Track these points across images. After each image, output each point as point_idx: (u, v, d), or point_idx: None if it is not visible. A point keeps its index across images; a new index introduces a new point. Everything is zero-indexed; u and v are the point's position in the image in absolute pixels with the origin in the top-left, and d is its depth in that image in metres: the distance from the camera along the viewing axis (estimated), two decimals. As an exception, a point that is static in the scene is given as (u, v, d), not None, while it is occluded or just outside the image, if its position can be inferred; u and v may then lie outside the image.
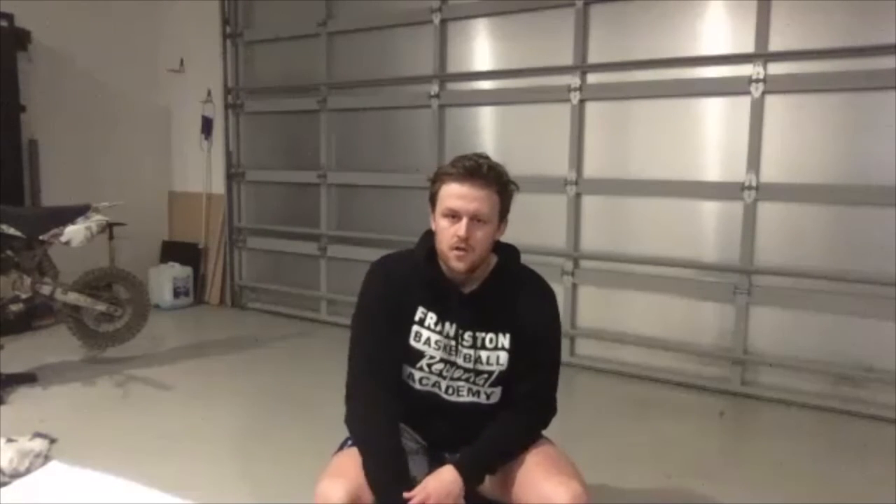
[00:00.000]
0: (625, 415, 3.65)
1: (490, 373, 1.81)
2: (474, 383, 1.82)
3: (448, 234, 1.72)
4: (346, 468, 1.69)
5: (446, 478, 1.67)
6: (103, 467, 2.36)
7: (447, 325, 1.80)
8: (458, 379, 1.82)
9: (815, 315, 3.73)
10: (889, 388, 3.51)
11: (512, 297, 1.82)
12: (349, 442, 1.84)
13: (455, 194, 1.71)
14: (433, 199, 1.78)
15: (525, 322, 1.81)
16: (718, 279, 3.96)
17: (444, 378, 1.82)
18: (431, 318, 1.80)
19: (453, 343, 1.80)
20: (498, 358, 1.81)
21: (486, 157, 1.75)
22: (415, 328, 1.81)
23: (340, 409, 1.83)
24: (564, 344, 4.36)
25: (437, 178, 1.77)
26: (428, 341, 1.80)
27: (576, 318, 4.43)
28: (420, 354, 1.81)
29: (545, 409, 1.85)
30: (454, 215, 1.71)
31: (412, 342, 1.81)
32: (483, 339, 1.81)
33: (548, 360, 1.86)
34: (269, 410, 3.63)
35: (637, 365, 4.20)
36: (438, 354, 1.80)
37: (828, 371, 3.69)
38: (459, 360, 1.81)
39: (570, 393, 4.01)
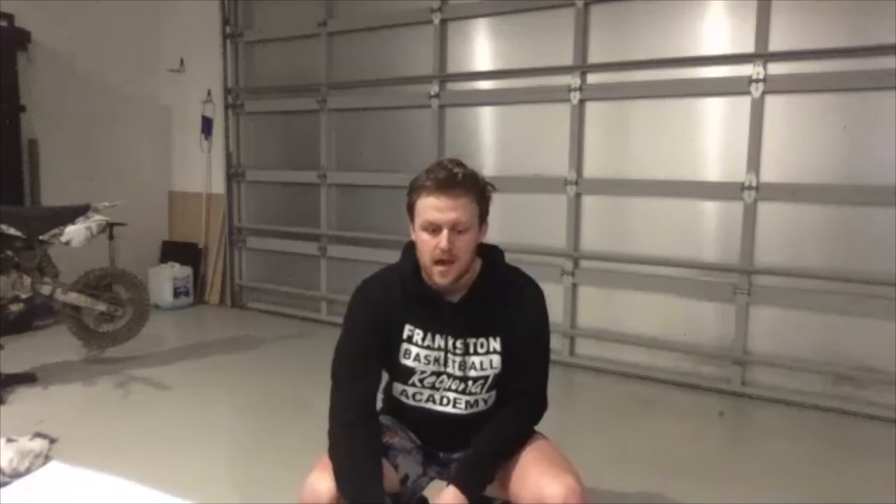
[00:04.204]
0: (625, 415, 3.65)
1: (485, 378, 1.80)
2: (469, 393, 1.81)
3: (429, 246, 1.70)
4: None
5: (449, 500, 1.66)
6: (103, 467, 2.36)
7: (437, 338, 1.79)
8: (452, 390, 1.81)
9: (814, 315, 3.73)
10: (889, 388, 3.51)
11: (500, 299, 1.81)
12: None
13: (432, 206, 1.68)
14: (411, 211, 1.75)
15: (515, 322, 1.80)
16: (718, 279, 3.96)
17: (437, 390, 1.81)
18: (419, 335, 1.79)
19: (443, 355, 1.79)
20: (491, 362, 1.80)
21: (461, 164, 1.72)
22: (403, 346, 1.80)
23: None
24: (564, 344, 4.38)
25: (413, 190, 1.73)
26: (417, 357, 1.79)
27: (576, 318, 4.42)
28: (411, 371, 1.80)
29: (538, 406, 1.85)
30: (434, 228, 1.69)
31: (402, 360, 1.80)
32: (475, 345, 1.80)
33: (539, 356, 1.86)
34: (268, 410, 3.63)
35: (637, 365, 4.20)
36: (429, 368, 1.80)
37: (828, 371, 3.69)
38: (451, 370, 1.80)
39: (570, 393, 4.00)
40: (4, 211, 3.81)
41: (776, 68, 3.70)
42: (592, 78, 4.25)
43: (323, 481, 1.65)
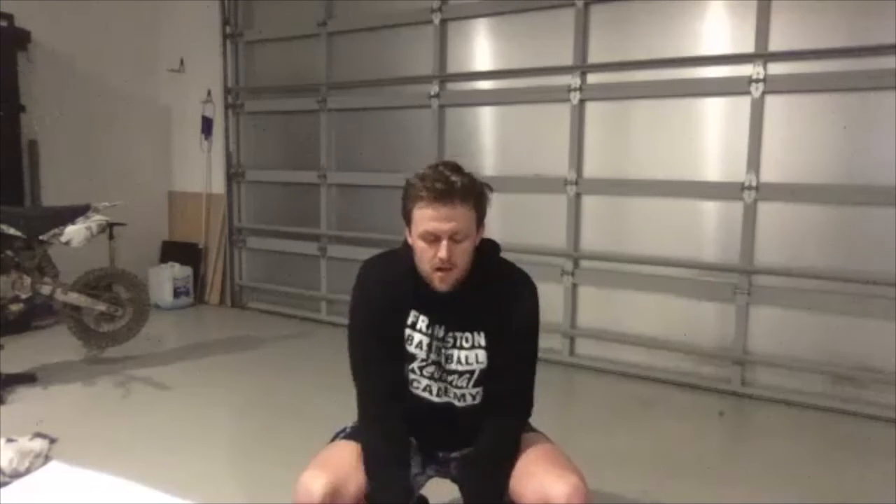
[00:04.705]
0: (625, 415, 3.65)
1: (471, 372, 1.80)
2: (458, 386, 1.81)
3: (428, 255, 1.69)
4: (331, 461, 1.71)
5: None
6: (103, 467, 2.36)
7: (436, 327, 1.80)
8: (445, 381, 1.82)
9: (814, 315, 3.73)
10: (889, 388, 3.51)
11: (490, 294, 1.81)
12: (341, 434, 1.85)
13: (430, 217, 1.66)
14: (407, 217, 1.73)
15: (503, 317, 1.80)
16: (718, 279, 3.95)
17: (435, 380, 1.82)
18: (423, 322, 1.80)
19: (439, 345, 1.80)
20: (477, 356, 1.80)
21: (457, 170, 1.70)
22: (407, 331, 1.80)
23: (339, 409, 1.83)
24: (564, 344, 4.38)
25: (409, 197, 1.70)
26: (420, 344, 1.80)
27: (576, 318, 4.42)
28: (412, 357, 1.81)
29: (525, 405, 1.85)
30: (433, 238, 1.68)
31: (405, 345, 1.80)
32: (461, 339, 1.80)
33: (526, 353, 1.85)
34: (268, 410, 3.62)
35: (637, 365, 4.20)
36: (430, 357, 1.80)
37: (828, 371, 3.69)
38: (444, 362, 1.80)
39: (570, 393, 4.01)
40: (4, 211, 3.81)
41: (776, 68, 3.70)
42: (592, 78, 4.25)
43: (316, 480, 1.65)
